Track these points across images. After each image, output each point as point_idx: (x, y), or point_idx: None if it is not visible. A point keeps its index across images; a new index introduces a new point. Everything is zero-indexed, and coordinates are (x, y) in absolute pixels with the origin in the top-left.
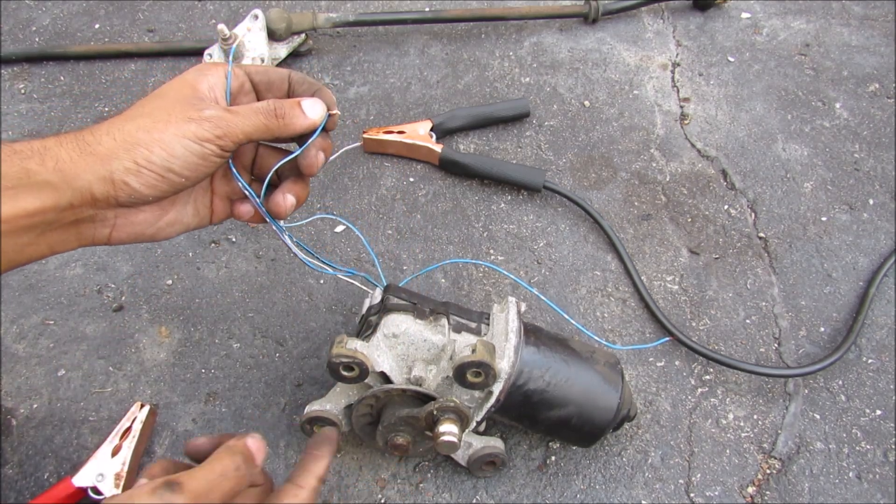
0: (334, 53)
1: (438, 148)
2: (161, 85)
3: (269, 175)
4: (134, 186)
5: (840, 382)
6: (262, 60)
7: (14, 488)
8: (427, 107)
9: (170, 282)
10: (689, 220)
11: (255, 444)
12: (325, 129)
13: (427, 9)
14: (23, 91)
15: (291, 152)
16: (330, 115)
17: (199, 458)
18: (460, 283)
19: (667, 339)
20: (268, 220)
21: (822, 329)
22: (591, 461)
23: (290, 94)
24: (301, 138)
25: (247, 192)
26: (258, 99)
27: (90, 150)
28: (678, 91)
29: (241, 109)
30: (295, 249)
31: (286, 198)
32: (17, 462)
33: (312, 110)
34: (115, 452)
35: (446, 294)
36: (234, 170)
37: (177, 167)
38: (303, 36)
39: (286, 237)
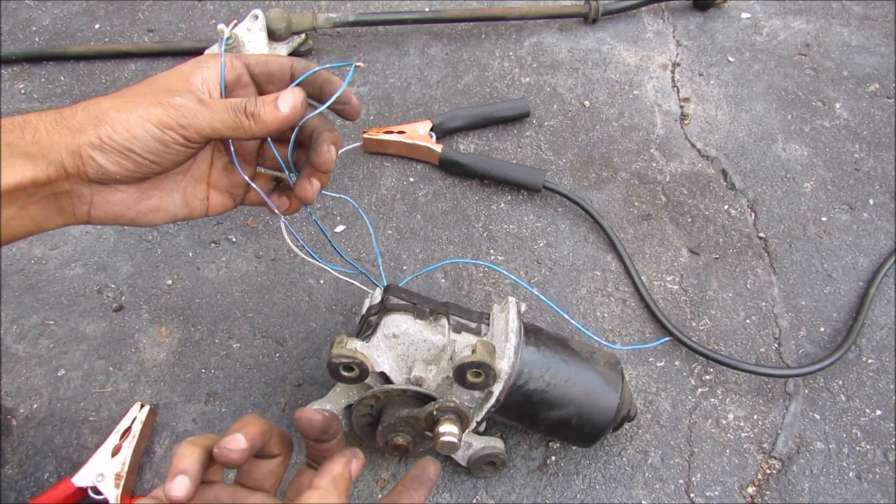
0: (334, 53)
1: (438, 148)
2: None
3: (295, 137)
4: (100, 162)
5: (840, 382)
6: None
7: (14, 488)
8: (427, 107)
9: (170, 282)
10: (689, 220)
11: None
12: (345, 118)
13: (427, 9)
14: (23, 91)
15: (297, 140)
16: (346, 106)
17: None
18: (460, 283)
19: (667, 339)
20: (272, 209)
21: (822, 329)
22: (591, 461)
23: (290, 82)
24: (289, 131)
25: (252, 185)
26: (259, 91)
27: (65, 123)
28: (678, 91)
29: (214, 103)
30: (293, 247)
31: (313, 182)
32: (17, 462)
33: (286, 103)
34: (115, 452)
35: (446, 294)
36: (235, 162)
37: (137, 149)
38: (303, 36)
39: (286, 224)
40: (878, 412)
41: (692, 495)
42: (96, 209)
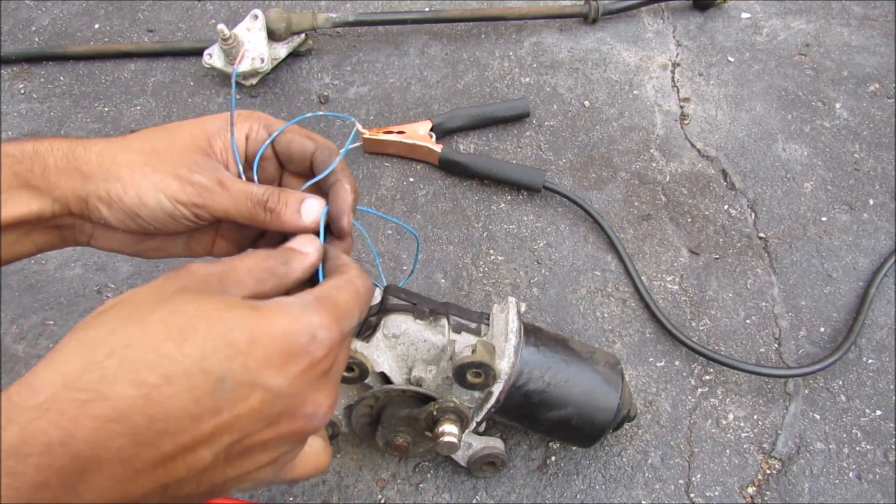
0: (334, 53)
1: (438, 148)
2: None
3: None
4: (104, 214)
5: (840, 382)
6: (262, 60)
7: None
8: (427, 107)
9: None
10: (689, 220)
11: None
12: (334, 237)
13: (427, 9)
14: (23, 91)
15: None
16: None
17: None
18: (460, 284)
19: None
20: None
21: (822, 329)
22: (591, 461)
23: (311, 169)
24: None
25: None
26: (279, 163)
27: (75, 164)
28: (678, 91)
29: (234, 186)
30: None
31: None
32: None
33: (308, 213)
34: None
35: (446, 294)
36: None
37: (144, 216)
38: (303, 36)
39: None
40: (878, 412)
41: (692, 495)
42: (97, 241)
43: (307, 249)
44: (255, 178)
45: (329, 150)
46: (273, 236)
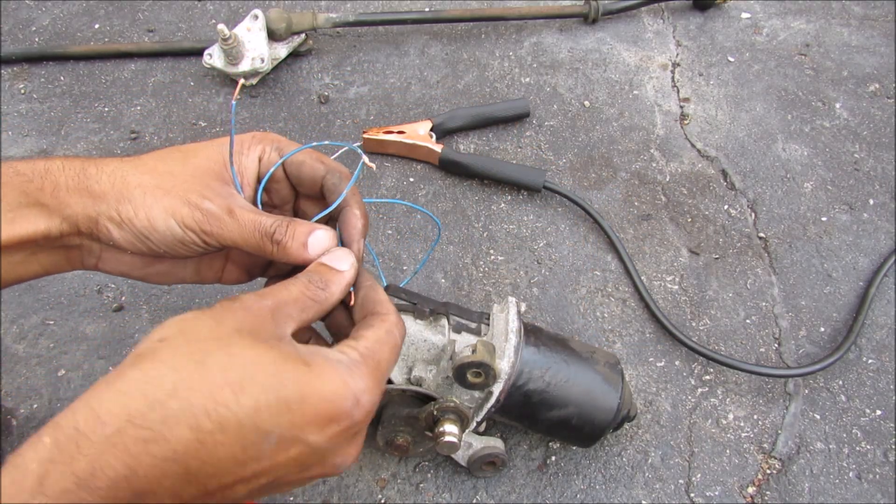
0: (334, 53)
1: (438, 148)
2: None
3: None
4: (114, 235)
5: (840, 382)
6: (262, 60)
7: None
8: (427, 107)
9: None
10: (689, 220)
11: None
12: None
13: (427, 9)
14: (23, 91)
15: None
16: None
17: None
18: (460, 283)
19: None
20: None
21: (822, 329)
22: (591, 461)
23: (322, 192)
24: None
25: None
26: (291, 186)
27: (86, 184)
28: (678, 91)
29: (243, 217)
30: None
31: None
32: None
33: (315, 247)
34: None
35: (446, 294)
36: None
37: (154, 239)
38: (303, 36)
39: None
40: (878, 412)
41: (692, 495)
42: (104, 264)
43: (342, 267)
44: (259, 205)
45: (339, 174)
46: (283, 264)
